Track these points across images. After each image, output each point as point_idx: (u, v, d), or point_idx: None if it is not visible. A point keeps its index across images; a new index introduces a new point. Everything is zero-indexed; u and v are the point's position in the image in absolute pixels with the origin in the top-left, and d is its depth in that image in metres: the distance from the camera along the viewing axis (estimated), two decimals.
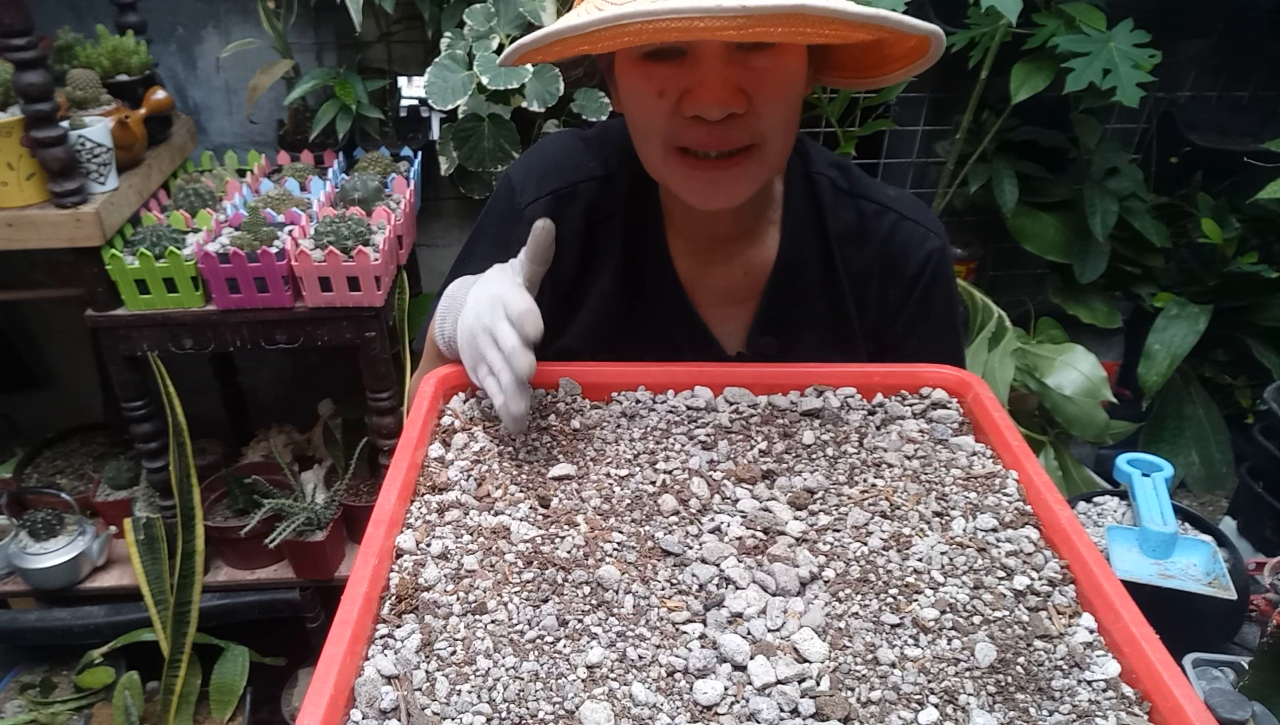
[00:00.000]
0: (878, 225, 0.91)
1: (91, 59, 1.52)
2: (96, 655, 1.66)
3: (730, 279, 0.92)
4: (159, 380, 1.49)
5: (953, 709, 0.53)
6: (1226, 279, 1.96)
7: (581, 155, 0.93)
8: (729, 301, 0.93)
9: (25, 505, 1.74)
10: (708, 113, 0.72)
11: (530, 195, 0.91)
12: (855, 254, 0.92)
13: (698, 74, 0.71)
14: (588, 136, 0.96)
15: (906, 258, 0.92)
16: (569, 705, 0.53)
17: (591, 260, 0.93)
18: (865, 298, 0.93)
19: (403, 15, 1.73)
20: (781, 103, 0.75)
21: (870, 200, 0.92)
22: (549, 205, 0.91)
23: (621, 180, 0.91)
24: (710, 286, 0.93)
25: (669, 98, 0.73)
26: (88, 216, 1.34)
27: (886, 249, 0.91)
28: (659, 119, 0.75)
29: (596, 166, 0.92)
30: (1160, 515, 1.04)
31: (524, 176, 0.93)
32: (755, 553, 0.64)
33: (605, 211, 0.91)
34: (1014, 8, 1.50)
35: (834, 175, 0.92)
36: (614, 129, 0.93)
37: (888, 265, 0.92)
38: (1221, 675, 0.95)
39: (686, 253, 0.92)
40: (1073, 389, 1.74)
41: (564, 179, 0.91)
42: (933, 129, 2.05)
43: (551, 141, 0.97)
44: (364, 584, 0.58)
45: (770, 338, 0.93)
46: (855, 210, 0.91)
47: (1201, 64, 2.05)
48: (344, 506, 1.72)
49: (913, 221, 0.92)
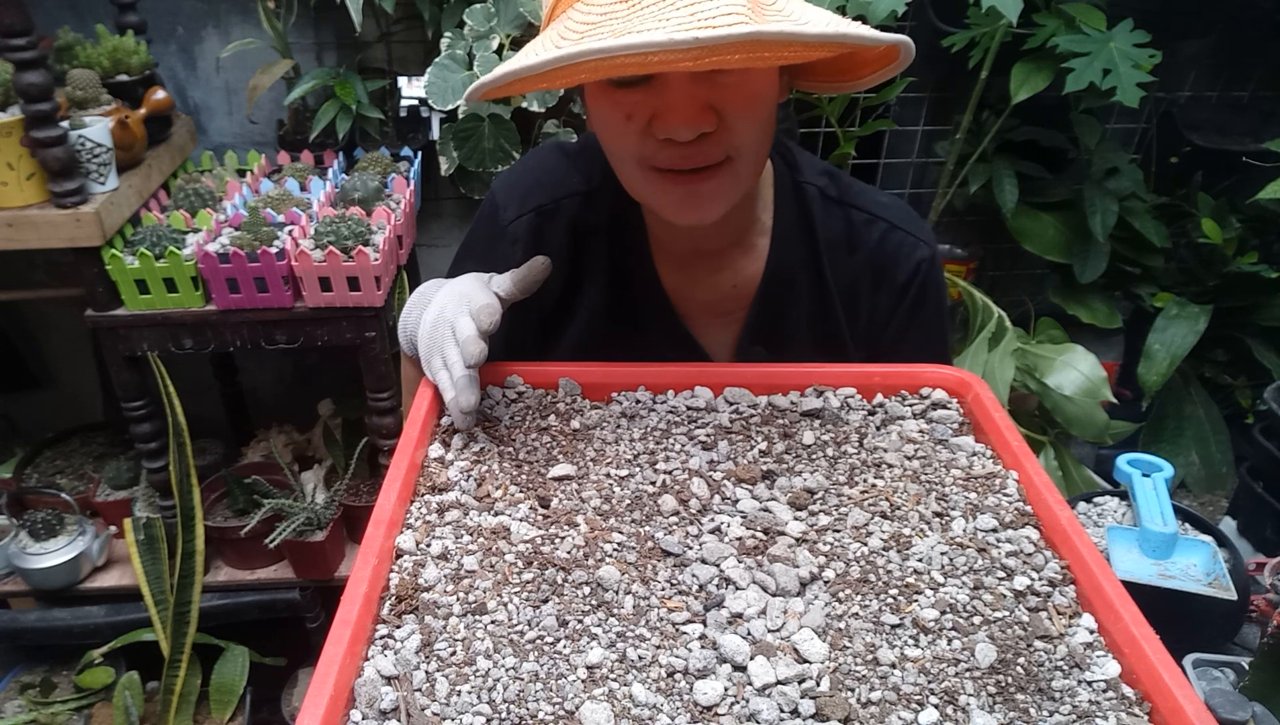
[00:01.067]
0: (867, 234, 0.91)
1: (91, 59, 1.52)
2: (96, 655, 1.66)
3: (718, 291, 0.92)
4: (159, 380, 1.49)
5: (953, 709, 0.53)
6: (1226, 279, 1.96)
7: (564, 170, 0.92)
8: (717, 313, 0.93)
9: (25, 505, 1.74)
10: (678, 135, 0.71)
11: (513, 212, 0.91)
12: (844, 262, 0.91)
13: (665, 97, 0.71)
14: (570, 151, 0.95)
15: (897, 266, 0.91)
16: (569, 706, 0.53)
17: (577, 276, 0.92)
18: (855, 306, 0.93)
19: (403, 15, 1.73)
20: (752, 117, 0.74)
21: (860, 209, 0.92)
22: (532, 222, 0.90)
23: (605, 195, 0.90)
24: (698, 299, 0.92)
25: (637, 121, 0.73)
26: (88, 216, 1.34)
27: (876, 257, 0.91)
28: (630, 142, 0.75)
29: (579, 182, 0.91)
30: (1160, 515, 1.04)
31: (507, 194, 0.93)
32: (755, 553, 0.64)
33: (589, 227, 0.91)
34: (1014, 8, 1.50)
35: (823, 184, 0.92)
36: (596, 142, 0.93)
37: (878, 274, 0.92)
38: (1222, 675, 0.95)
39: (672, 267, 0.91)
40: (1073, 389, 1.74)
41: (547, 195, 0.91)
42: (933, 129, 2.05)
43: (534, 157, 0.97)
44: (364, 584, 0.58)
45: (759, 348, 0.92)
46: (844, 219, 0.91)
47: (1201, 64, 2.05)
48: (344, 506, 1.72)
49: (903, 231, 0.92)
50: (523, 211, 0.91)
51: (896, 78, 1.91)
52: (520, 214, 0.91)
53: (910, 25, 1.87)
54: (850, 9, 1.54)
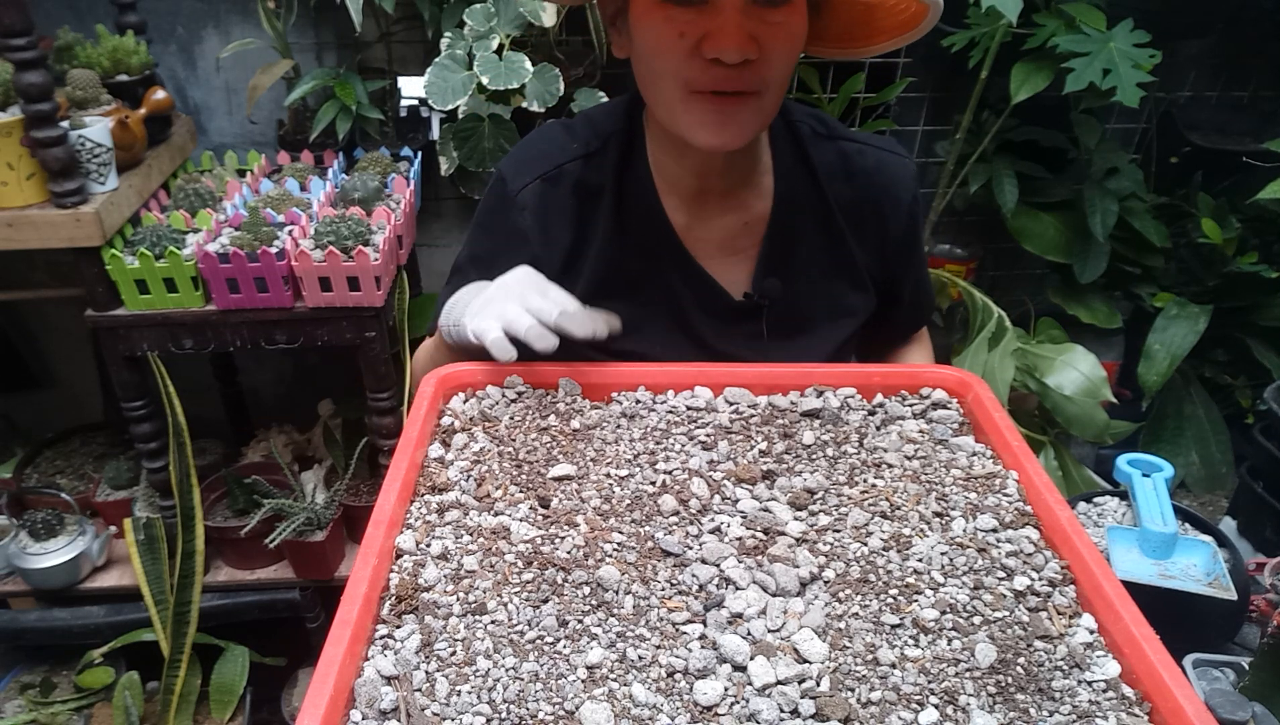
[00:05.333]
0: (861, 162, 0.97)
1: (91, 59, 1.52)
2: (96, 655, 1.66)
3: (729, 230, 0.96)
4: (159, 380, 1.49)
5: (953, 709, 0.53)
6: (1226, 279, 1.96)
7: (564, 139, 0.96)
8: (730, 252, 0.96)
9: (25, 505, 1.74)
10: (727, 56, 0.76)
11: (520, 182, 0.95)
12: (844, 189, 0.97)
13: (718, 21, 0.76)
14: (570, 123, 1.00)
15: (898, 186, 0.98)
16: (569, 706, 0.53)
17: (587, 231, 0.95)
18: (863, 231, 0.98)
19: (403, 15, 1.73)
20: (787, 56, 0.81)
21: (848, 140, 0.98)
22: (538, 189, 0.94)
23: (607, 155, 0.94)
24: (709, 239, 0.96)
25: (689, 39, 0.78)
26: (88, 216, 1.34)
27: (877, 181, 0.97)
28: (676, 60, 0.79)
29: (580, 146, 0.95)
30: (1160, 515, 1.04)
31: (513, 167, 0.96)
32: (755, 553, 0.64)
33: (594, 186, 0.95)
34: (1014, 8, 1.50)
35: (813, 123, 0.98)
36: (595, 111, 0.99)
37: (880, 195, 0.97)
38: (1222, 676, 0.95)
39: (682, 210, 0.95)
40: (1073, 389, 1.74)
41: (550, 162, 0.95)
42: (933, 129, 2.05)
43: (536, 133, 1.01)
44: (364, 584, 0.58)
45: (774, 280, 0.96)
46: (837, 151, 0.97)
47: (1201, 64, 2.05)
48: (344, 506, 1.71)
49: (892, 154, 0.99)
50: (529, 180, 0.94)
51: (897, 78, 1.91)
52: (527, 182, 0.94)
53: None
54: None
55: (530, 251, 0.93)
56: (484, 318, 0.81)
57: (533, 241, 0.94)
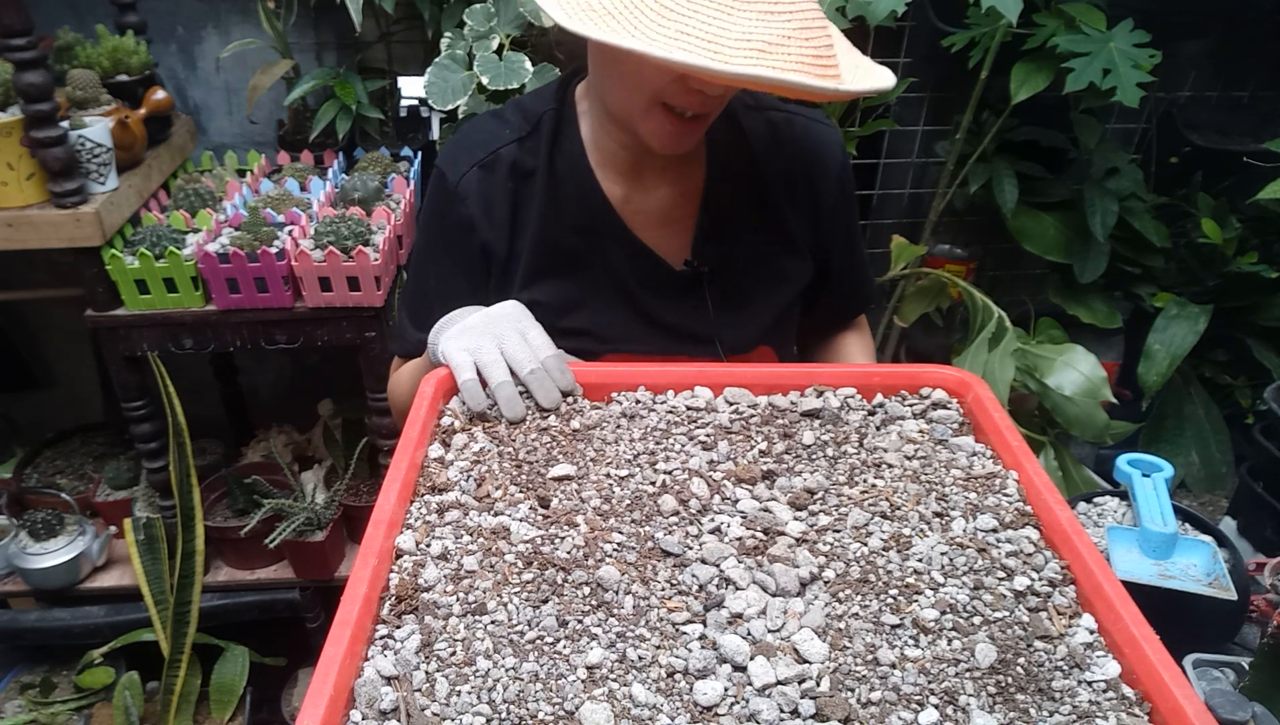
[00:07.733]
0: (789, 130, 1.01)
1: (91, 59, 1.52)
2: (96, 655, 1.66)
3: (666, 201, 0.98)
4: (159, 380, 1.49)
5: (953, 709, 0.53)
6: (1226, 279, 1.96)
7: (496, 126, 0.99)
8: (667, 223, 0.98)
9: (25, 505, 1.74)
10: (712, 92, 0.81)
11: (458, 173, 0.97)
12: (776, 158, 1.00)
13: None
14: (499, 110, 1.02)
15: (826, 152, 1.01)
16: (569, 706, 0.53)
17: (525, 213, 0.97)
18: (796, 199, 1.00)
19: (403, 15, 1.73)
20: None
21: (775, 109, 1.02)
22: (476, 176, 0.96)
23: (538, 137, 0.96)
24: (647, 211, 0.98)
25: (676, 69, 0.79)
26: (88, 216, 1.34)
27: (805, 148, 1.01)
28: (659, 80, 0.81)
29: (513, 131, 0.97)
30: (1160, 515, 1.04)
31: (450, 160, 0.98)
32: (755, 553, 0.64)
33: (528, 167, 0.97)
34: (1014, 8, 1.50)
35: (741, 94, 1.00)
36: (524, 97, 1.02)
37: (810, 162, 1.00)
38: (1222, 676, 0.95)
39: (619, 181, 0.97)
40: (1073, 389, 1.74)
41: (485, 149, 0.97)
42: (933, 129, 2.05)
43: (468, 125, 1.04)
44: (364, 584, 0.58)
45: (713, 247, 0.98)
46: (765, 120, 1.00)
47: (1201, 64, 2.05)
48: (344, 506, 1.71)
49: (819, 122, 1.02)
50: (467, 168, 0.96)
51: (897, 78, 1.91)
52: (464, 172, 0.96)
53: (910, 25, 1.87)
54: (850, 9, 1.54)
55: (479, 239, 0.96)
56: (458, 352, 0.81)
57: (479, 228, 0.96)
